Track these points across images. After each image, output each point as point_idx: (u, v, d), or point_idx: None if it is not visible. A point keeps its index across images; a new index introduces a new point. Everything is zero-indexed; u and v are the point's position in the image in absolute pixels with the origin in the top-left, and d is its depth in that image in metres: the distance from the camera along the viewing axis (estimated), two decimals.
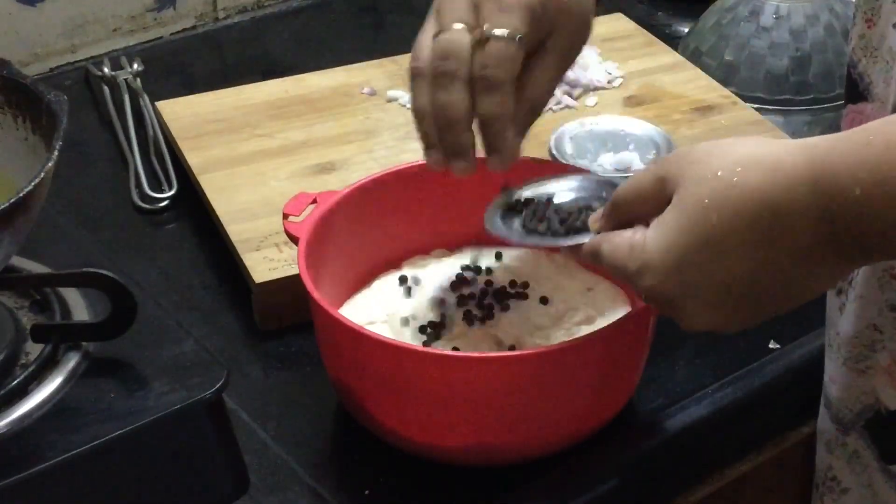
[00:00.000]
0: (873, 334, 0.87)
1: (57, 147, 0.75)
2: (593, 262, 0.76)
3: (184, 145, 1.13)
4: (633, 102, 1.19)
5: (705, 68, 1.26)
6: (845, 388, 0.90)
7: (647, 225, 0.72)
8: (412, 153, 1.10)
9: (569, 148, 1.11)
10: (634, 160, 1.09)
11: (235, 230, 1.02)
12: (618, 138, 1.12)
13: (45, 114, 0.79)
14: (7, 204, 0.71)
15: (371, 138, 1.14)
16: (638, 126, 1.13)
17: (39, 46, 1.32)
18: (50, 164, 0.74)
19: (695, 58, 1.28)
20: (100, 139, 1.22)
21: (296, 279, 0.84)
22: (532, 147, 1.11)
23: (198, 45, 1.40)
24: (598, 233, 0.76)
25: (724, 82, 1.25)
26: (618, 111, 1.17)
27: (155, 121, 1.19)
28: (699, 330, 0.72)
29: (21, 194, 0.72)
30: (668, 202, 0.70)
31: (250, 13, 1.45)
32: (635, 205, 0.73)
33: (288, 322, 0.97)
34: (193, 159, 1.11)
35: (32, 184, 0.72)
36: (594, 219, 0.77)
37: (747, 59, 1.26)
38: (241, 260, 0.99)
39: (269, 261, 0.98)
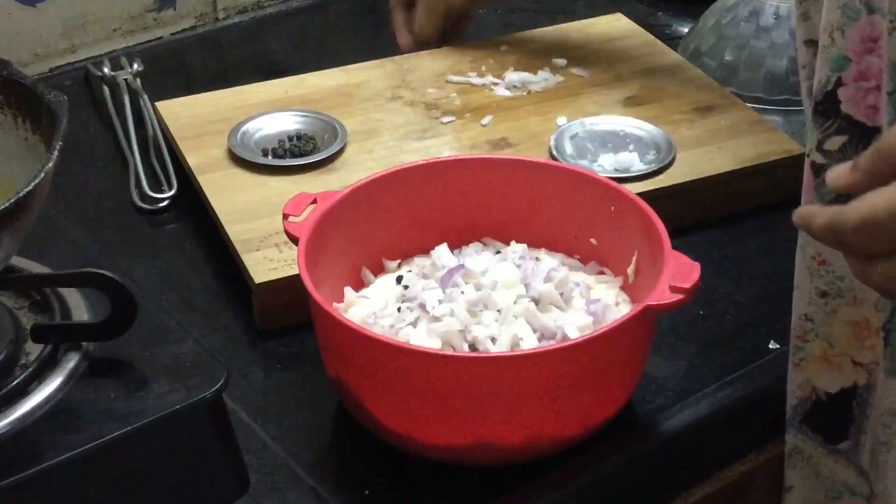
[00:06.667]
0: (805, 324, 0.88)
1: (57, 147, 0.75)
2: (859, 223, 0.65)
3: (183, 145, 1.13)
4: (632, 102, 1.19)
5: (705, 68, 1.26)
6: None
7: None
8: (412, 153, 1.11)
9: (569, 148, 1.11)
10: (634, 160, 1.09)
11: (235, 230, 1.02)
12: (618, 138, 1.12)
13: (45, 114, 0.79)
14: (7, 204, 0.71)
15: (371, 138, 1.14)
16: (638, 126, 1.13)
17: (39, 46, 1.32)
18: (50, 164, 0.74)
19: (695, 58, 1.28)
20: (100, 139, 1.22)
21: (296, 279, 0.84)
22: (532, 147, 1.12)
23: (198, 45, 1.40)
24: (845, 191, 0.67)
25: (724, 82, 1.25)
26: (618, 111, 1.17)
27: (155, 121, 1.19)
28: None
29: (21, 194, 0.72)
30: None
31: (250, 13, 1.45)
32: None
33: (288, 322, 0.97)
34: (193, 160, 1.11)
35: (32, 184, 0.72)
36: (838, 175, 0.68)
37: (747, 59, 1.26)
38: (241, 260, 0.99)
39: (269, 261, 0.98)
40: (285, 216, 0.90)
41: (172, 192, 1.13)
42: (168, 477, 0.78)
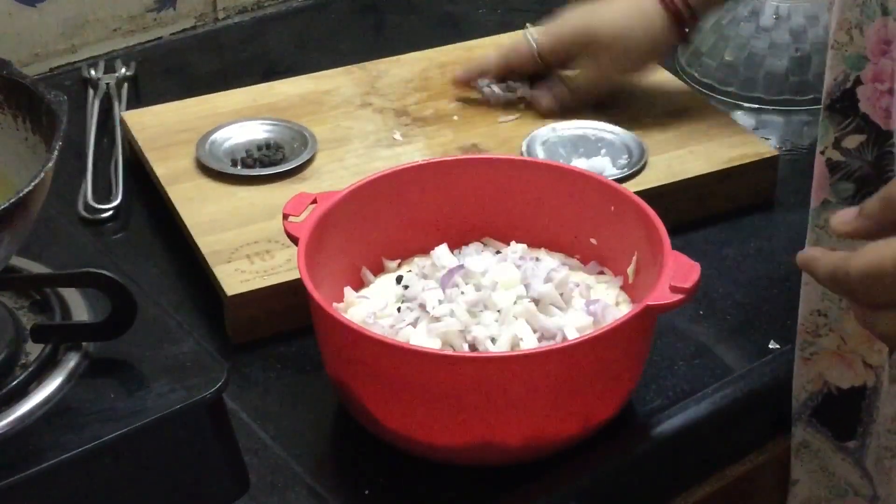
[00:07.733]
0: (817, 319, 0.88)
1: (57, 147, 0.75)
2: (864, 277, 0.64)
3: (151, 156, 1.10)
4: (603, 107, 1.17)
5: (705, 68, 1.27)
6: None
7: None
8: (383, 161, 1.09)
9: (540, 153, 1.10)
10: (606, 165, 1.09)
11: (205, 242, 1.00)
12: (589, 143, 1.12)
13: (45, 114, 0.79)
14: (7, 204, 0.71)
15: (341, 146, 1.12)
16: (609, 130, 1.12)
17: (39, 46, 1.32)
18: (50, 164, 0.74)
19: (695, 58, 1.28)
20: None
21: (268, 291, 0.83)
22: (503, 152, 1.10)
23: (197, 45, 1.40)
24: (850, 236, 0.67)
25: (724, 82, 1.25)
26: (589, 115, 1.15)
27: (119, 129, 1.17)
28: None
29: (21, 194, 0.72)
30: None
31: (250, 13, 1.45)
32: None
33: (262, 335, 0.96)
34: (161, 170, 1.09)
35: (32, 184, 0.72)
36: (844, 220, 0.68)
37: (747, 59, 1.26)
38: (211, 272, 0.98)
39: (241, 272, 0.97)
40: (285, 216, 0.90)
41: (117, 203, 1.10)
42: (168, 477, 0.78)
